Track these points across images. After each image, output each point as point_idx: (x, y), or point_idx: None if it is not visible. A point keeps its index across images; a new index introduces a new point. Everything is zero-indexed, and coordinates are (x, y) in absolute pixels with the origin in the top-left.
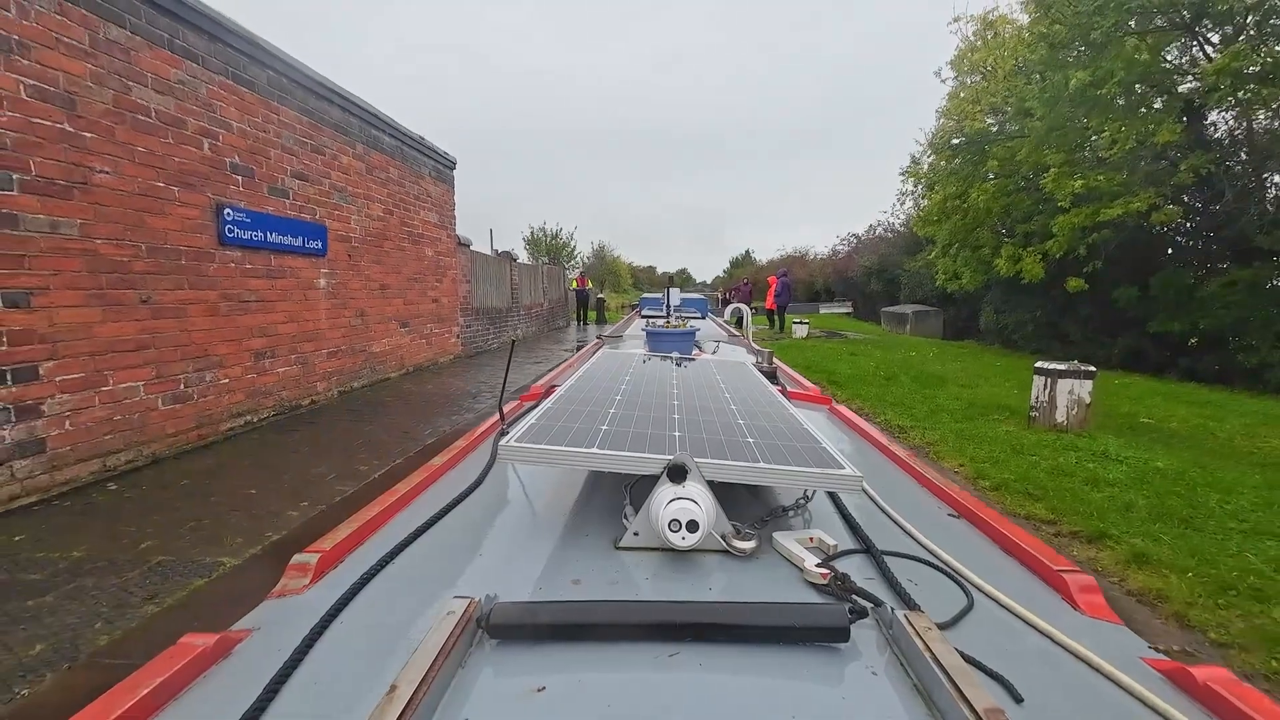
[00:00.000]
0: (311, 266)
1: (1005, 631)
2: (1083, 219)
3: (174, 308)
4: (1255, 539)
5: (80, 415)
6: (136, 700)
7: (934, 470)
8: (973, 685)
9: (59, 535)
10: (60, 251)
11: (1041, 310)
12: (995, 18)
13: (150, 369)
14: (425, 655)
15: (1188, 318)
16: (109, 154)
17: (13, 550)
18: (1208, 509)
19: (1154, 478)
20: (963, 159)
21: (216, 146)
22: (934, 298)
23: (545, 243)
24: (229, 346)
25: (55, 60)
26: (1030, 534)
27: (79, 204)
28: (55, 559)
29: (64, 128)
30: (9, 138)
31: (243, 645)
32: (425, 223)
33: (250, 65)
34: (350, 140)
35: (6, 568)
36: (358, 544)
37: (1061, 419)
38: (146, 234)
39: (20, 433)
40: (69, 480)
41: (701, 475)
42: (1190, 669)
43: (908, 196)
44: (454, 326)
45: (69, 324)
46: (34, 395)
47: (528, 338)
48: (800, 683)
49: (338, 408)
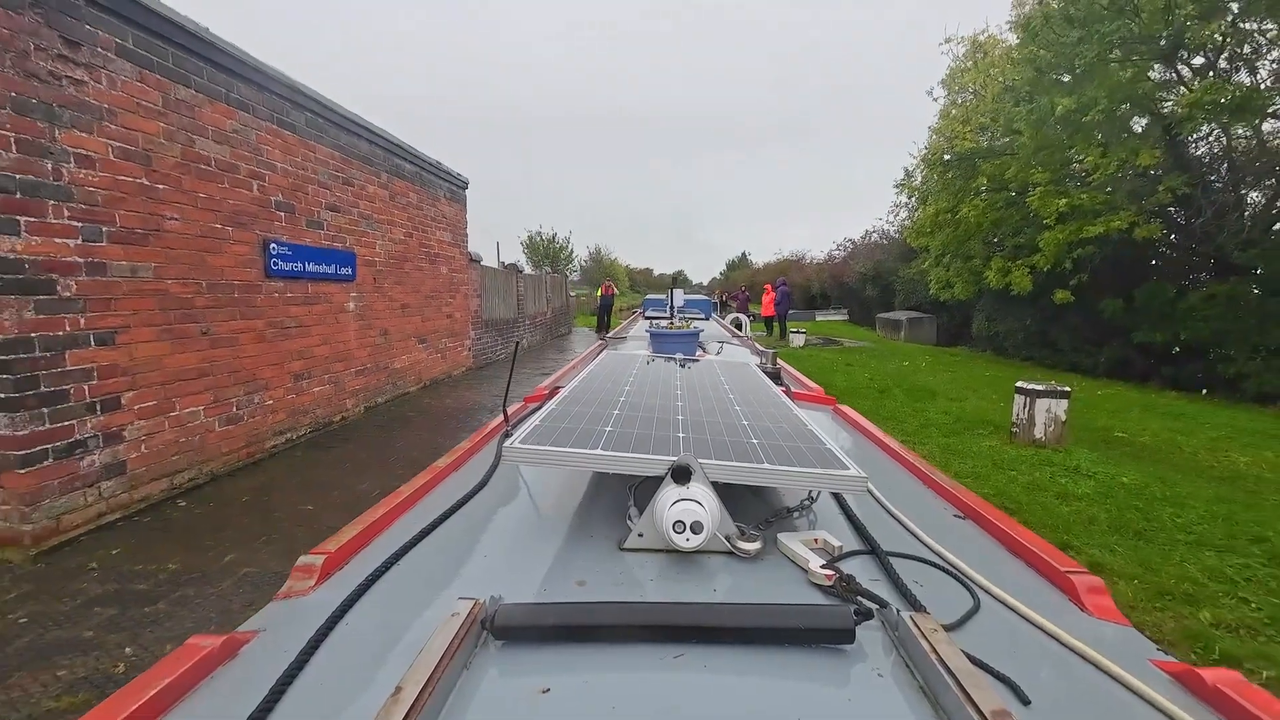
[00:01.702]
0: (342, 291)
1: (1012, 633)
2: (1067, 235)
3: (228, 337)
4: (1196, 549)
5: (153, 439)
6: (144, 701)
7: (939, 471)
8: (979, 687)
9: (149, 549)
10: (138, 293)
11: (1032, 319)
12: (985, 39)
13: (209, 394)
14: (430, 656)
15: (1170, 329)
16: (177, 202)
17: (114, 563)
18: (1160, 522)
19: (1118, 492)
20: (954, 174)
21: (264, 187)
22: (928, 304)
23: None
24: (273, 370)
25: (136, 122)
26: (1037, 535)
27: (153, 249)
28: (154, 571)
29: (142, 182)
30: (100, 195)
31: (249, 647)
32: (440, 242)
33: (291, 109)
34: (376, 170)
35: (116, 579)
36: (363, 545)
37: (1040, 435)
38: (206, 271)
39: (106, 456)
40: (144, 498)
41: (706, 476)
42: (1199, 671)
43: (901, 208)
44: (466, 340)
45: (145, 357)
46: (118, 422)
47: (532, 346)
48: (805, 684)
49: (365, 423)
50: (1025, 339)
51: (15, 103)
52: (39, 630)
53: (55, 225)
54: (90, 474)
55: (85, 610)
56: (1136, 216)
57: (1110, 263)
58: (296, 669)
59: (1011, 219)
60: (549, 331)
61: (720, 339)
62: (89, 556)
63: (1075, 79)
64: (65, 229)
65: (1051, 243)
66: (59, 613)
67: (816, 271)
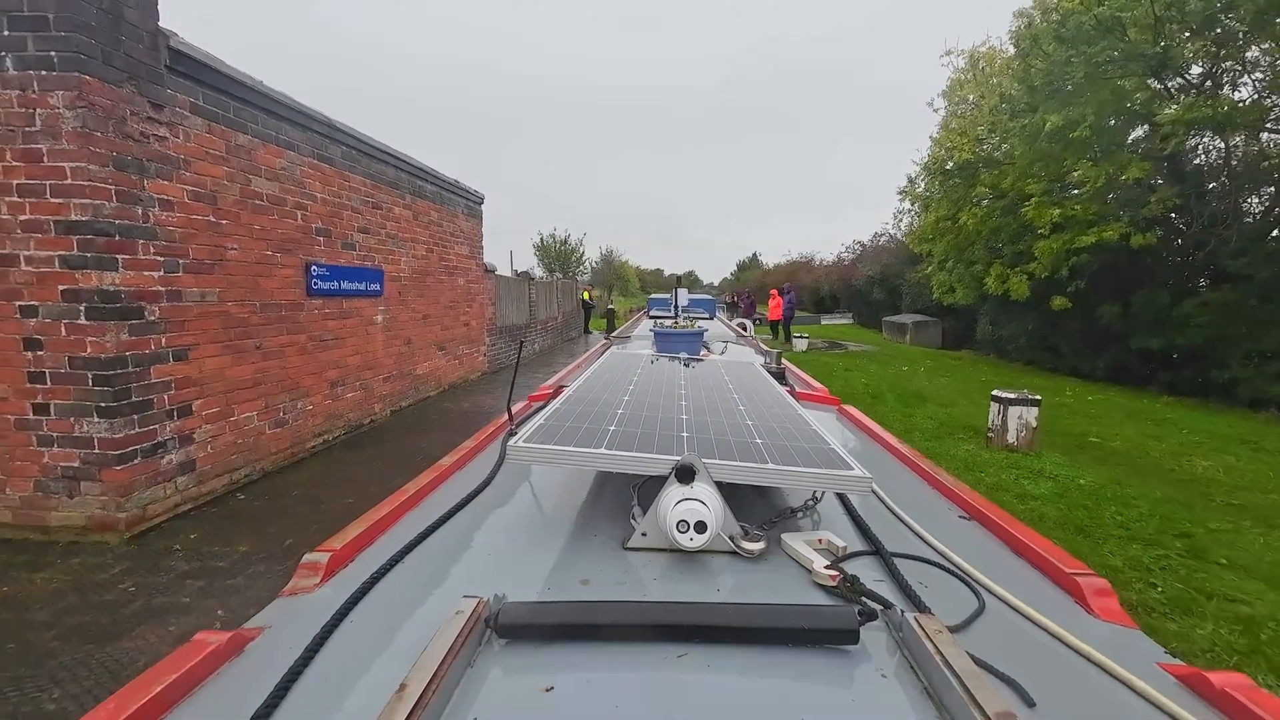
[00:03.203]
0: (371, 305)
1: (1017, 635)
2: (1061, 245)
3: (276, 350)
4: (1126, 543)
5: (217, 440)
6: (152, 696)
7: (944, 472)
8: (984, 689)
9: (221, 534)
10: (205, 315)
11: (1033, 324)
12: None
13: (261, 401)
14: (434, 654)
15: (1166, 335)
16: (236, 235)
17: (194, 545)
18: (1102, 520)
19: (1073, 492)
20: (955, 182)
21: (306, 215)
22: (934, 308)
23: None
24: (313, 379)
25: (205, 169)
26: (1043, 537)
27: (217, 276)
28: (229, 551)
29: (210, 219)
30: (177, 232)
31: (255, 643)
32: (458, 255)
33: (329, 145)
34: (401, 193)
35: (198, 557)
36: (368, 543)
37: (1013, 440)
38: (259, 294)
39: (181, 455)
40: (209, 492)
41: (710, 476)
42: (1208, 674)
43: (905, 214)
44: (481, 346)
45: (211, 370)
46: (190, 427)
47: (542, 351)
48: (809, 685)
49: (392, 425)
50: (1027, 343)
51: (116, 160)
52: (147, 596)
53: (144, 260)
54: (169, 470)
55: (179, 582)
56: (1129, 227)
57: (1107, 270)
58: (302, 665)
59: (1010, 226)
60: (559, 335)
61: (725, 339)
62: (173, 540)
63: (1065, 96)
64: (151, 263)
65: (1046, 251)
66: (159, 583)
67: (825, 273)
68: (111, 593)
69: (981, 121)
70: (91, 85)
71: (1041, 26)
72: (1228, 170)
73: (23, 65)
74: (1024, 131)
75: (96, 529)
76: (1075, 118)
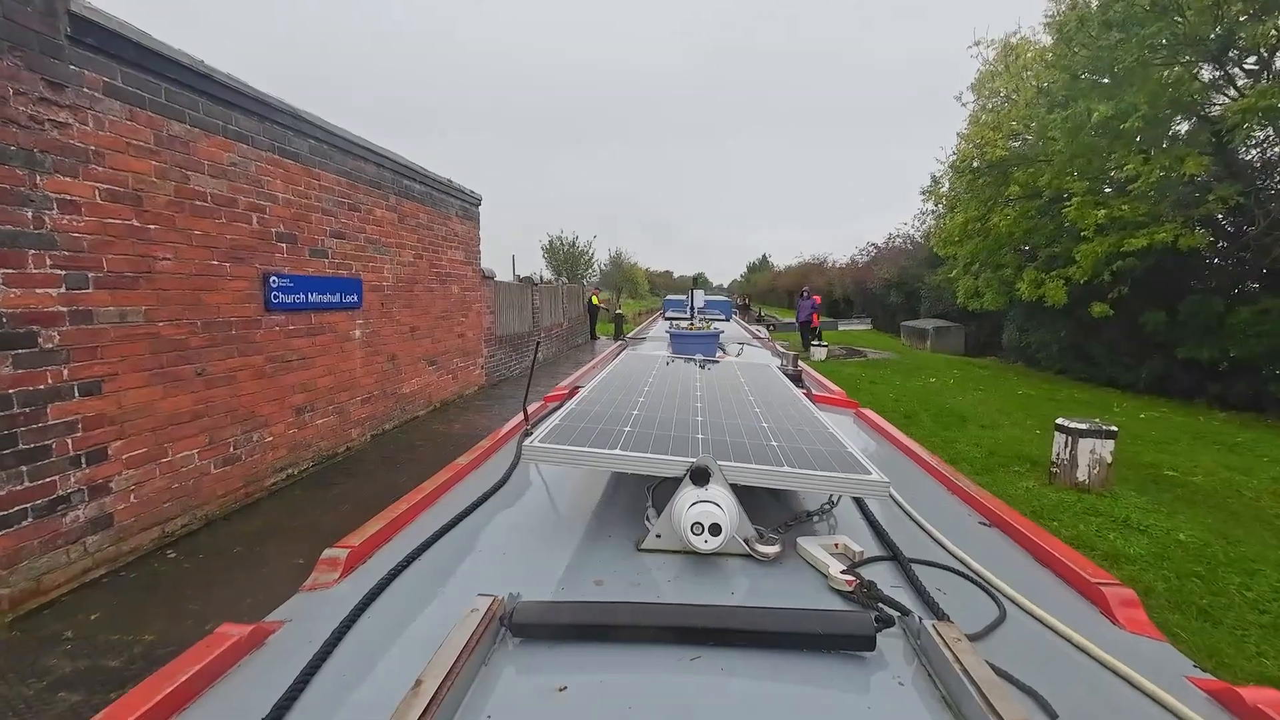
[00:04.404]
0: (348, 319)
1: (1039, 645)
2: (1106, 248)
3: (225, 376)
4: (1274, 634)
5: (143, 488)
6: (176, 686)
7: (964, 477)
8: (1004, 699)
9: (129, 614)
10: (127, 339)
11: (1066, 331)
12: (1017, 41)
13: (204, 436)
14: (450, 651)
15: (1217, 344)
16: (170, 242)
17: (91, 632)
18: (1228, 595)
19: (1175, 552)
20: (984, 180)
21: (264, 219)
22: (955, 313)
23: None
24: (273, 406)
25: (125, 163)
26: (1066, 545)
27: (144, 292)
28: (130, 642)
29: (132, 223)
30: (86, 240)
31: (276, 636)
32: (452, 260)
33: (294, 138)
34: (384, 193)
35: (88, 653)
36: (386, 540)
37: (1083, 478)
38: (202, 311)
39: (92, 510)
40: (134, 549)
41: (724, 478)
42: (1239, 689)
43: (928, 215)
44: (478, 358)
45: (135, 404)
46: (104, 474)
47: (547, 359)
48: (824, 691)
49: (371, 454)
50: (1059, 351)
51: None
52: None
53: (36, 275)
54: (74, 530)
55: (50, 695)
56: (1182, 229)
57: (1152, 273)
58: (320, 659)
59: (1045, 228)
60: (565, 342)
61: (740, 340)
62: (66, 623)
63: (1113, 83)
64: (47, 278)
65: (1089, 256)
66: (21, 697)
67: (839, 276)
68: None
69: (1016, 115)
70: None
71: (1087, 9)
72: None
73: None
74: (1066, 124)
75: None
76: (1126, 107)
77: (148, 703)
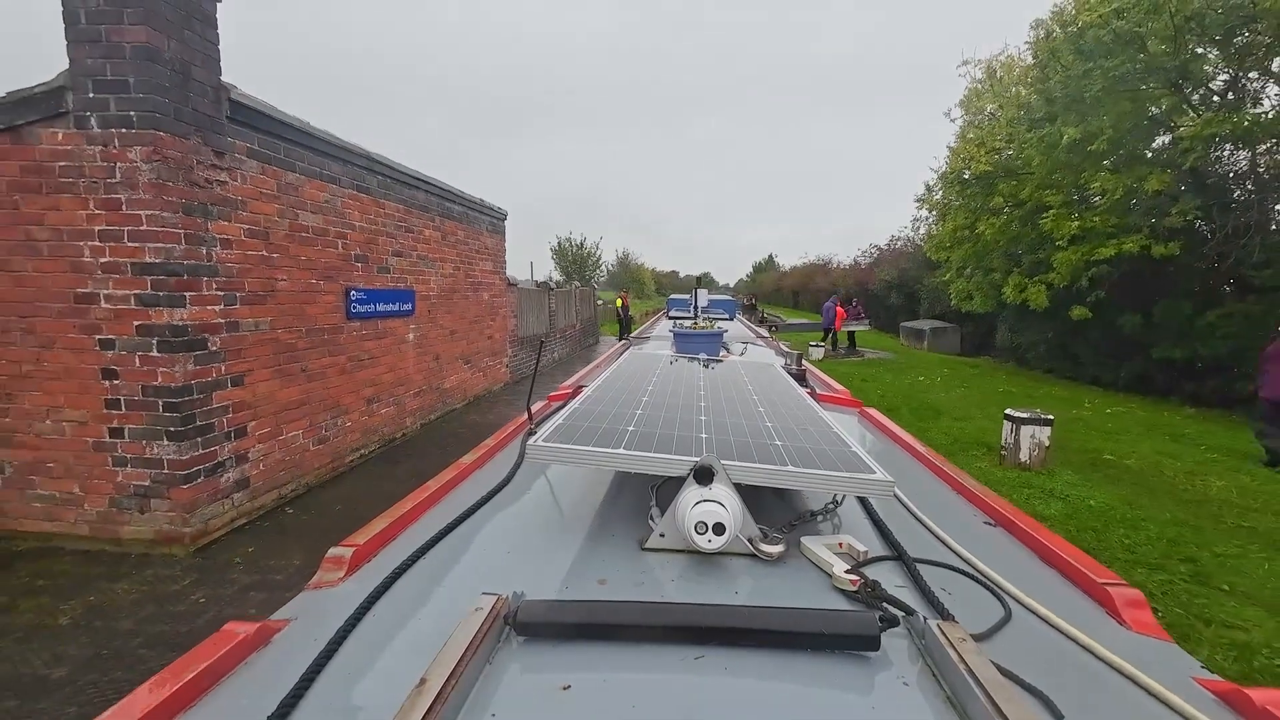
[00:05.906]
0: (404, 325)
1: (1045, 645)
2: (1080, 256)
3: (319, 372)
4: (1131, 567)
5: (268, 458)
6: (184, 683)
7: (969, 477)
8: (1009, 700)
9: (275, 548)
10: (259, 343)
11: (1053, 332)
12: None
13: (306, 420)
14: (454, 650)
15: (1189, 345)
16: (285, 266)
17: (253, 559)
18: (1109, 542)
19: (1083, 514)
20: (972, 191)
21: (345, 244)
22: (952, 314)
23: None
24: (351, 397)
25: (259, 207)
26: (1073, 545)
27: (269, 306)
28: (284, 564)
29: (262, 253)
30: (235, 268)
31: (281, 634)
32: (483, 271)
33: (367, 175)
34: (431, 215)
35: (258, 570)
36: (390, 539)
37: (1025, 459)
38: (304, 320)
39: (237, 473)
40: (260, 506)
41: (728, 478)
42: (1247, 690)
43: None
44: (504, 358)
45: (263, 394)
46: (245, 447)
47: (561, 359)
48: (828, 691)
49: (423, 439)
50: (1047, 351)
51: (185, 206)
52: (217, 608)
53: (207, 296)
54: (226, 488)
55: (244, 594)
56: (1149, 238)
57: (1128, 279)
58: (325, 658)
59: (1028, 236)
60: (578, 343)
61: (744, 339)
62: (233, 553)
63: (1082, 108)
64: (213, 298)
65: (1065, 263)
66: (226, 595)
67: (842, 277)
68: (185, 603)
69: (999, 132)
70: (164, 140)
71: (1059, 39)
72: (1254, 180)
73: (105, 124)
74: (1041, 143)
75: (164, 542)
76: (1094, 130)
77: (155, 700)
